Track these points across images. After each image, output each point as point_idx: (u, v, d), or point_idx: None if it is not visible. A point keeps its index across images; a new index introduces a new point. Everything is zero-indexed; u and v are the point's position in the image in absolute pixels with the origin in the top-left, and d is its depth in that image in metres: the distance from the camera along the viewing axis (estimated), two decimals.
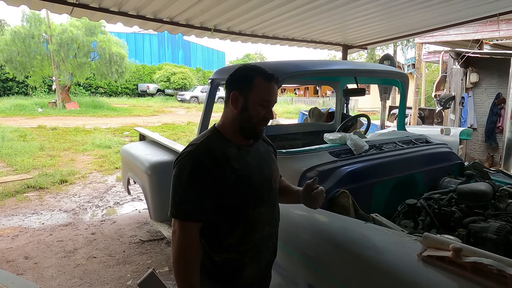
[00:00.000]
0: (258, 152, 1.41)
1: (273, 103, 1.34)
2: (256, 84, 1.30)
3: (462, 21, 4.83)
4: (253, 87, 1.30)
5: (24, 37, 18.13)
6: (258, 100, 1.30)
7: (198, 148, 1.27)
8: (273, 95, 1.34)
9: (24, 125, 12.38)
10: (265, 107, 1.32)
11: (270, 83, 1.32)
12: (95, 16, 4.12)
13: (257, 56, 46.57)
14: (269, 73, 1.32)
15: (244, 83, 1.32)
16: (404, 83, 2.81)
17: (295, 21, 4.62)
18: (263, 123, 1.33)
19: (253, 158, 1.36)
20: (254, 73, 1.32)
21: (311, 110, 4.31)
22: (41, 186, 5.65)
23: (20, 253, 3.49)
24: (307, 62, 2.35)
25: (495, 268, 1.02)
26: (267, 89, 1.31)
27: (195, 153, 1.26)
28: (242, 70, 1.35)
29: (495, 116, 6.87)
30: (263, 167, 1.39)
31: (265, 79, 1.31)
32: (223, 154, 1.27)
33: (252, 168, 1.33)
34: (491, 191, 1.87)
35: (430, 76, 18.98)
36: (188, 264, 1.22)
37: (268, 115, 1.33)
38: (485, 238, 1.51)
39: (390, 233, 1.41)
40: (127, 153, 3.84)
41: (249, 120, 1.31)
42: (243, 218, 1.32)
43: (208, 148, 1.27)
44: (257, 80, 1.30)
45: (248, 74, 1.32)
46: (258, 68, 1.34)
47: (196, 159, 1.24)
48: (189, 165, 1.24)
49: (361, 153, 2.10)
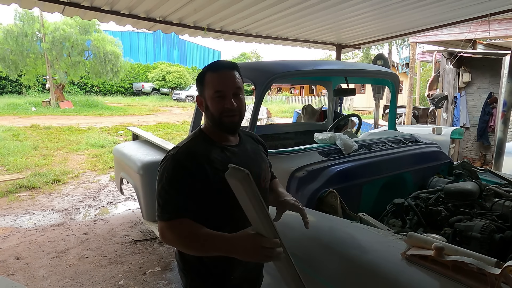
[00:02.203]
0: (245, 152, 1.38)
1: (228, 91, 1.27)
2: (206, 80, 1.28)
3: (454, 21, 4.87)
4: (205, 83, 1.29)
5: (17, 36, 17.96)
6: (211, 94, 1.27)
7: (180, 151, 1.26)
8: (225, 83, 1.27)
9: (18, 124, 12.28)
10: (221, 98, 1.26)
11: (219, 72, 1.28)
12: (87, 15, 4.09)
13: (253, 55, 46.51)
14: (217, 63, 1.30)
15: (199, 83, 1.32)
16: (395, 83, 2.83)
17: (289, 20, 4.63)
18: (226, 114, 1.27)
19: (240, 159, 1.32)
20: (204, 70, 1.31)
21: (304, 107, 4.32)
22: (34, 186, 5.61)
23: (11, 254, 3.47)
24: (297, 62, 2.36)
25: (475, 267, 1.03)
26: (216, 79, 1.27)
27: (176, 156, 1.25)
28: (200, 72, 1.34)
29: (487, 116, 6.94)
30: (251, 167, 1.34)
31: (213, 70, 1.28)
32: (206, 156, 1.25)
33: None
34: (478, 190, 1.90)
35: (425, 75, 19.09)
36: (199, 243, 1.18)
37: (228, 104, 1.26)
38: (470, 237, 1.53)
39: (376, 232, 1.43)
40: (120, 152, 3.83)
41: (213, 117, 1.29)
42: (230, 219, 1.29)
43: (190, 151, 1.26)
44: (207, 75, 1.29)
45: (201, 73, 1.31)
46: (209, 64, 1.32)
47: (178, 162, 1.23)
48: (170, 168, 1.22)
49: (350, 153, 2.11)
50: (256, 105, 2.11)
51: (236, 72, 1.30)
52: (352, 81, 3.11)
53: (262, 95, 2.10)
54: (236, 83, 1.29)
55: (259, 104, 2.11)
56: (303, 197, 1.79)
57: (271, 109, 17.17)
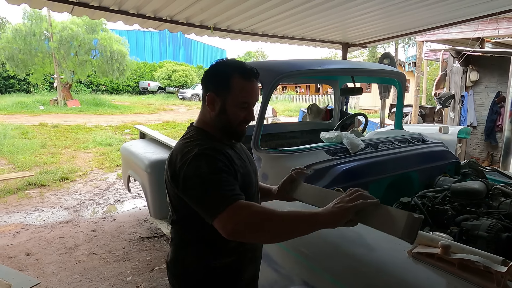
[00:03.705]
0: (242, 148, 1.35)
1: (253, 103, 1.22)
2: (233, 85, 1.16)
3: (462, 19, 4.83)
4: (230, 88, 1.17)
5: (25, 35, 18.17)
6: (236, 102, 1.18)
7: (203, 148, 1.12)
8: (254, 95, 1.20)
9: (26, 122, 12.43)
10: (245, 109, 1.20)
11: (249, 81, 1.18)
12: (95, 15, 4.14)
13: (258, 54, 46.49)
14: (248, 70, 1.19)
15: (221, 83, 1.18)
16: (401, 82, 2.83)
17: (295, 19, 4.63)
18: (243, 125, 1.23)
19: (246, 156, 1.32)
20: (230, 71, 1.18)
21: (309, 107, 4.33)
22: (42, 184, 5.69)
23: (22, 250, 3.54)
24: (304, 62, 2.37)
25: (481, 265, 1.04)
26: (246, 89, 1.18)
27: (203, 151, 1.11)
28: (218, 68, 1.21)
29: (495, 115, 6.87)
30: (251, 163, 1.36)
31: (244, 77, 1.17)
32: (225, 153, 1.16)
33: (248, 165, 1.28)
34: (485, 189, 1.90)
35: (432, 74, 18.96)
36: (282, 217, 1.04)
37: (249, 116, 1.22)
38: (477, 236, 1.54)
39: None
40: (127, 151, 3.88)
41: (228, 123, 1.20)
42: None
43: (213, 147, 1.14)
44: (235, 79, 1.17)
45: (225, 73, 1.19)
46: (236, 64, 1.20)
47: (208, 156, 1.10)
48: (204, 164, 1.08)
49: (357, 152, 2.12)
50: (263, 104, 2.12)
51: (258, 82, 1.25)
52: (358, 80, 3.12)
53: (269, 94, 2.12)
54: (258, 97, 1.26)
55: (266, 103, 2.13)
56: None
57: (277, 108, 17.16)
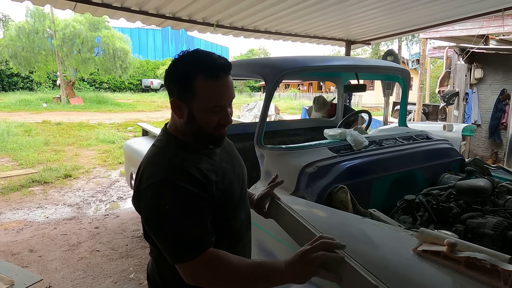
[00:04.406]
0: (225, 151, 1.21)
1: (227, 104, 1.04)
2: (197, 89, 0.98)
3: (466, 16, 4.79)
4: (194, 93, 0.99)
5: (28, 33, 18.25)
6: (205, 107, 1.01)
7: (169, 171, 0.99)
8: (225, 95, 1.02)
9: (29, 120, 12.48)
10: (218, 113, 1.03)
11: (216, 80, 0.99)
12: (98, 12, 4.14)
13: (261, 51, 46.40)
14: (213, 66, 0.99)
15: (183, 87, 1.00)
16: (406, 79, 2.81)
17: (298, 16, 4.61)
18: (219, 129, 1.06)
19: (226, 161, 1.17)
20: (192, 71, 0.98)
21: (316, 98, 4.25)
22: (46, 181, 5.71)
23: (25, 246, 3.55)
24: (308, 58, 2.35)
25: (488, 263, 1.03)
26: (215, 91, 1.00)
27: (168, 179, 0.97)
28: (178, 66, 1.01)
29: (500, 112, 6.83)
30: (236, 166, 1.22)
31: (208, 77, 0.98)
32: (199, 169, 1.02)
33: (229, 174, 1.14)
34: (490, 187, 1.88)
35: (435, 72, 18.86)
36: (245, 278, 0.96)
37: (224, 120, 1.05)
38: (482, 234, 1.52)
39: (387, 228, 1.42)
40: (130, 148, 3.88)
41: (200, 131, 1.05)
42: (229, 231, 1.14)
43: (183, 169, 1.00)
44: (198, 81, 0.98)
45: (186, 75, 0.99)
46: (198, 60, 1.00)
47: (174, 186, 0.96)
48: (169, 196, 0.96)
49: (360, 149, 2.11)
50: (267, 101, 2.11)
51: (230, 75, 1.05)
52: (362, 77, 3.08)
53: (273, 91, 2.10)
54: (233, 93, 1.06)
55: (269, 99, 2.11)
56: (313, 193, 1.79)
57: (279, 106, 17.15)
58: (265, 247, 1.42)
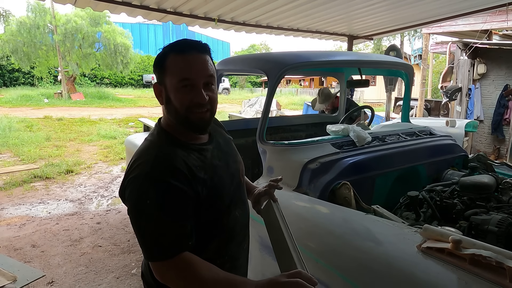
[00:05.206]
0: (219, 147, 1.18)
1: (198, 79, 1.01)
2: (168, 64, 1.01)
3: (469, 10, 4.74)
4: (166, 68, 1.01)
5: (29, 28, 18.21)
6: (175, 83, 1.00)
7: (155, 166, 0.97)
8: (194, 68, 1.00)
9: (31, 115, 12.49)
10: (188, 89, 1.00)
11: (184, 54, 1.00)
12: (99, 7, 4.11)
13: (262, 46, 46.21)
14: (184, 43, 1.02)
15: (158, 68, 1.04)
16: (409, 74, 2.78)
17: (300, 11, 4.57)
18: (195, 111, 1.02)
19: (218, 158, 1.14)
20: (166, 51, 1.03)
21: (320, 90, 4.19)
22: (48, 176, 5.73)
23: (28, 242, 3.56)
24: (311, 53, 2.33)
25: (493, 260, 1.02)
26: (182, 64, 1.00)
27: (151, 174, 0.95)
28: (158, 54, 1.06)
29: (502, 108, 6.78)
30: (230, 163, 1.19)
31: (178, 51, 1.00)
32: (186, 165, 1.00)
33: (220, 171, 1.12)
34: (494, 183, 1.86)
35: (438, 67, 18.76)
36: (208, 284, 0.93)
37: (197, 97, 1.01)
38: (486, 231, 1.51)
39: (391, 224, 1.41)
40: (132, 144, 3.86)
41: (176, 113, 1.03)
42: (219, 230, 1.12)
43: (168, 164, 0.98)
44: (169, 58, 1.01)
45: (161, 56, 1.03)
46: (174, 42, 1.04)
47: (158, 181, 0.95)
48: (152, 191, 0.94)
49: (363, 145, 2.09)
50: (269, 96, 2.09)
51: (208, 57, 1.05)
52: (364, 73, 3.06)
53: (275, 86, 2.09)
54: (209, 70, 1.03)
55: (272, 95, 2.09)
56: (316, 189, 1.78)
57: (281, 101, 17.10)
58: (268, 244, 1.41)
